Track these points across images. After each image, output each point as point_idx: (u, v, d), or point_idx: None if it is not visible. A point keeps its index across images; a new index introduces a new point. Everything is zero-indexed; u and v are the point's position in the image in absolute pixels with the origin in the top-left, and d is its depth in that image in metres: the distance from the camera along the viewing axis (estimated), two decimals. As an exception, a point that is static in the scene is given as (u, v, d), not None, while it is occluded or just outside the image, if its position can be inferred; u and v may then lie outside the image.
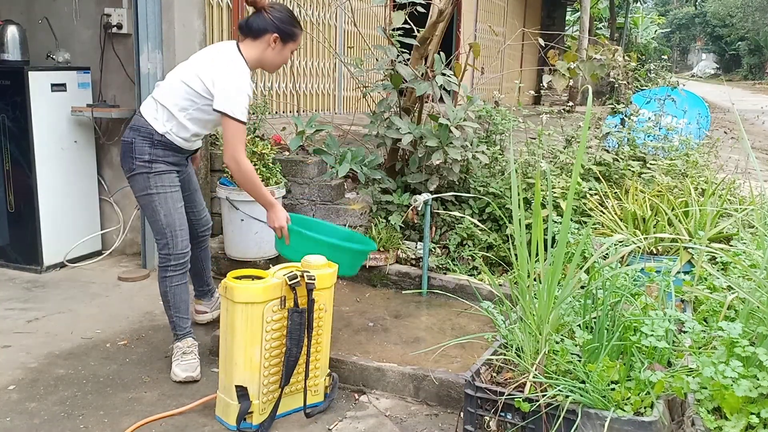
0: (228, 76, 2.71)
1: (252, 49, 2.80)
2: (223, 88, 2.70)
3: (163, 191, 2.82)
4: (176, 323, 2.94)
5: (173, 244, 2.85)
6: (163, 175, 2.83)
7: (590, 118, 2.55)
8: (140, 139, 2.79)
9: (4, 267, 4.20)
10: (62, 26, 4.31)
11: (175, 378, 2.84)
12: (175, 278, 2.90)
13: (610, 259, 2.36)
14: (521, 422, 2.03)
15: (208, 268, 3.37)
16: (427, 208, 3.55)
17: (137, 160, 2.79)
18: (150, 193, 2.82)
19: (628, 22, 19.09)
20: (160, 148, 2.80)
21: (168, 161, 2.84)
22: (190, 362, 2.88)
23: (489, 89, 8.01)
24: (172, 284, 2.90)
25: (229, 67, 2.73)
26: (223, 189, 3.85)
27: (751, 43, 36.04)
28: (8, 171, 4.07)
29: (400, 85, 4.02)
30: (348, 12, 6.10)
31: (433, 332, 3.24)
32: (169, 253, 2.86)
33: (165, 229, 2.84)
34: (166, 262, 2.88)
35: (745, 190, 4.01)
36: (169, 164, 2.85)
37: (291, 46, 2.85)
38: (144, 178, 2.81)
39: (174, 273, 2.89)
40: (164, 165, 2.83)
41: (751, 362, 1.87)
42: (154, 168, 2.80)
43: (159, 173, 2.81)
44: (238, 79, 2.71)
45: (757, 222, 2.86)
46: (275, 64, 2.88)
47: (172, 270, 2.89)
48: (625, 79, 5.16)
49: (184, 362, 2.87)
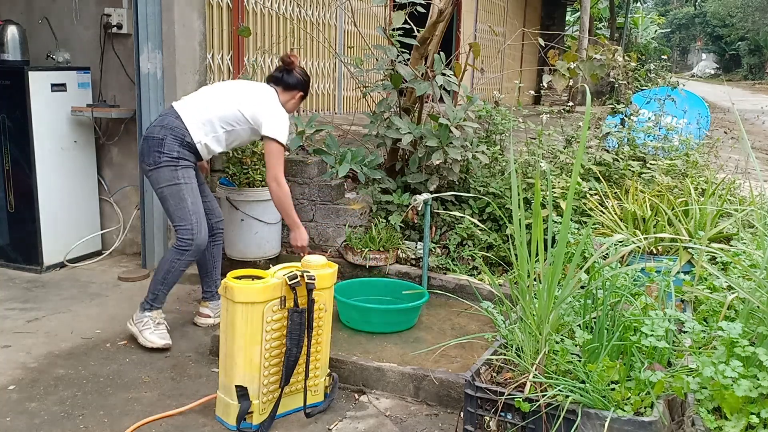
0: (278, 111, 3.19)
1: (281, 96, 3.29)
2: (274, 117, 3.14)
3: (190, 182, 3.11)
4: (158, 296, 3.18)
5: (197, 229, 3.08)
6: (189, 169, 3.13)
7: (590, 118, 2.55)
8: (171, 138, 3.07)
9: (4, 267, 4.19)
10: (62, 26, 4.31)
11: (152, 344, 3.09)
12: (185, 262, 3.13)
13: (610, 259, 2.36)
14: (521, 422, 2.03)
15: (217, 267, 3.44)
16: (427, 208, 3.55)
17: (165, 155, 3.06)
18: (178, 183, 3.08)
19: (628, 22, 19.07)
20: (186, 150, 3.10)
21: (190, 160, 3.15)
22: (163, 331, 3.15)
23: (489, 89, 8.01)
24: (181, 267, 3.14)
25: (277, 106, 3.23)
26: (223, 189, 3.85)
27: (751, 43, 36.02)
28: (8, 171, 4.07)
29: (400, 85, 4.02)
30: (348, 12, 6.10)
31: (433, 332, 3.24)
32: (192, 238, 3.08)
33: (192, 216, 3.07)
34: (186, 246, 3.09)
35: (745, 190, 4.01)
36: (192, 162, 3.16)
37: (302, 97, 3.39)
38: (171, 170, 3.07)
39: (189, 258, 3.13)
40: (187, 162, 3.13)
41: (751, 362, 1.87)
42: (180, 163, 3.09)
43: (185, 167, 3.10)
44: (285, 115, 3.22)
45: (757, 222, 2.86)
46: (290, 110, 3.34)
47: (190, 256, 3.12)
48: (625, 79, 5.16)
49: (159, 331, 3.14)
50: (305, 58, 5.84)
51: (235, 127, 3.17)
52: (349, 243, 3.83)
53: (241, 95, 3.20)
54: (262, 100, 3.20)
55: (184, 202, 3.07)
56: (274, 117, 3.14)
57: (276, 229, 3.94)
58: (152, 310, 3.17)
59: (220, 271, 3.42)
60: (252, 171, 3.81)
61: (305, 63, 5.83)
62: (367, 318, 3.19)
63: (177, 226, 3.10)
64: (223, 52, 4.69)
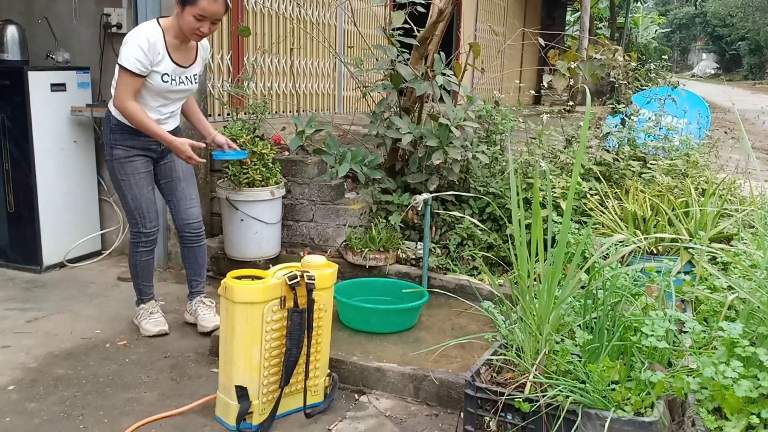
0: (132, 36, 2.91)
1: (173, 18, 2.97)
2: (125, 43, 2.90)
3: (127, 178, 3.08)
4: (141, 289, 3.32)
5: (142, 224, 3.17)
6: (124, 163, 3.07)
7: (590, 118, 2.55)
8: (105, 124, 3.08)
9: (4, 267, 4.19)
10: (62, 26, 4.31)
11: (147, 333, 3.22)
12: (144, 253, 3.25)
13: (611, 259, 2.36)
14: (521, 422, 2.03)
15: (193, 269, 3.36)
16: (427, 208, 3.55)
17: (105, 146, 3.08)
18: (117, 179, 3.10)
19: (628, 22, 19.08)
20: (117, 133, 3.04)
21: (127, 145, 3.06)
22: (158, 319, 3.27)
23: (489, 89, 8.00)
24: (142, 258, 3.26)
25: (135, 32, 2.94)
26: (223, 189, 3.84)
27: (751, 43, 36.03)
28: (8, 171, 4.07)
29: (400, 85, 4.01)
30: (348, 12, 6.09)
31: (433, 332, 3.23)
32: (139, 231, 3.18)
33: (134, 212, 3.15)
34: (137, 239, 3.21)
35: (746, 190, 4.00)
36: (129, 148, 3.06)
37: (190, 10, 2.85)
38: (110, 166, 3.10)
39: (144, 249, 3.24)
40: (122, 150, 3.05)
41: (751, 362, 1.87)
42: (115, 155, 3.06)
43: (119, 161, 3.06)
44: (135, 34, 2.91)
45: (757, 222, 2.86)
46: (184, 30, 2.92)
47: (143, 246, 3.23)
48: (625, 79, 5.15)
49: (153, 319, 3.26)
50: (305, 57, 5.83)
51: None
52: (349, 243, 3.82)
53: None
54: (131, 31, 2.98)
55: (125, 199, 3.12)
56: (126, 42, 2.90)
57: (276, 229, 3.93)
58: (144, 302, 3.31)
59: (199, 272, 3.37)
60: (252, 171, 3.81)
61: (305, 63, 5.83)
62: (367, 318, 3.19)
63: (127, 219, 3.23)
64: (222, 51, 4.69)
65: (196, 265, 3.35)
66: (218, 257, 4.04)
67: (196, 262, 3.35)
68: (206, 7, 2.85)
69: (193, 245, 3.31)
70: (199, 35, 2.95)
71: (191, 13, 2.85)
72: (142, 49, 2.87)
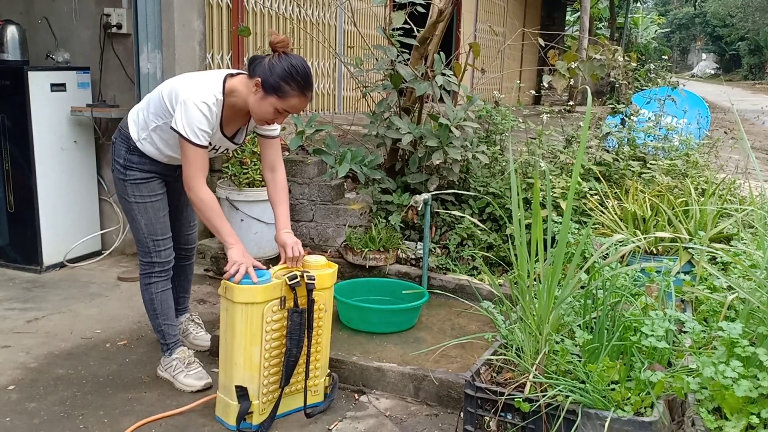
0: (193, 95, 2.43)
1: (243, 85, 2.50)
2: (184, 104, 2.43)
3: (142, 200, 2.68)
4: (165, 332, 2.82)
5: (156, 252, 2.74)
6: (140, 184, 2.66)
7: (590, 118, 2.55)
8: (120, 140, 2.67)
9: (4, 267, 4.19)
10: (62, 26, 4.31)
11: (191, 389, 2.75)
12: (160, 284, 2.79)
13: (610, 259, 2.36)
14: (521, 422, 2.03)
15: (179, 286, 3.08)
16: (427, 208, 3.55)
17: (115, 162, 2.68)
18: (129, 201, 2.69)
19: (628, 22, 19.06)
20: (136, 155, 2.64)
21: (144, 169, 2.66)
22: (198, 371, 2.80)
23: (489, 89, 8.00)
24: (158, 290, 2.79)
25: (197, 89, 2.44)
26: (223, 189, 3.85)
27: (751, 43, 36.02)
28: (8, 171, 4.07)
29: (400, 85, 4.01)
30: (348, 12, 6.10)
31: (433, 332, 3.24)
32: (152, 262, 2.75)
33: (146, 239, 2.71)
34: (149, 270, 2.76)
35: (745, 190, 4.01)
36: (146, 171, 2.67)
37: (273, 101, 2.42)
38: (121, 184, 2.68)
39: (159, 279, 2.78)
40: (139, 173, 2.66)
41: (751, 362, 1.87)
42: (128, 176, 2.65)
43: (134, 182, 2.66)
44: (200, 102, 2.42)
45: (757, 222, 2.85)
46: (255, 113, 2.50)
47: (157, 276, 2.78)
48: (625, 79, 5.15)
49: (193, 371, 2.79)
50: (305, 58, 5.83)
51: (165, 122, 2.54)
52: (349, 243, 3.82)
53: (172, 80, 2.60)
54: (186, 78, 2.54)
55: (137, 224, 2.70)
56: (184, 104, 2.41)
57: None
58: (173, 351, 2.82)
59: (187, 288, 3.17)
60: (252, 171, 3.81)
61: (305, 63, 5.82)
62: (367, 318, 3.19)
63: (137, 247, 2.77)
64: (222, 52, 4.69)
65: (186, 281, 3.14)
66: (218, 257, 4.04)
67: (186, 279, 3.13)
68: (295, 105, 2.46)
69: (184, 263, 3.06)
70: (268, 122, 2.56)
71: (275, 105, 2.44)
72: (206, 116, 2.43)
